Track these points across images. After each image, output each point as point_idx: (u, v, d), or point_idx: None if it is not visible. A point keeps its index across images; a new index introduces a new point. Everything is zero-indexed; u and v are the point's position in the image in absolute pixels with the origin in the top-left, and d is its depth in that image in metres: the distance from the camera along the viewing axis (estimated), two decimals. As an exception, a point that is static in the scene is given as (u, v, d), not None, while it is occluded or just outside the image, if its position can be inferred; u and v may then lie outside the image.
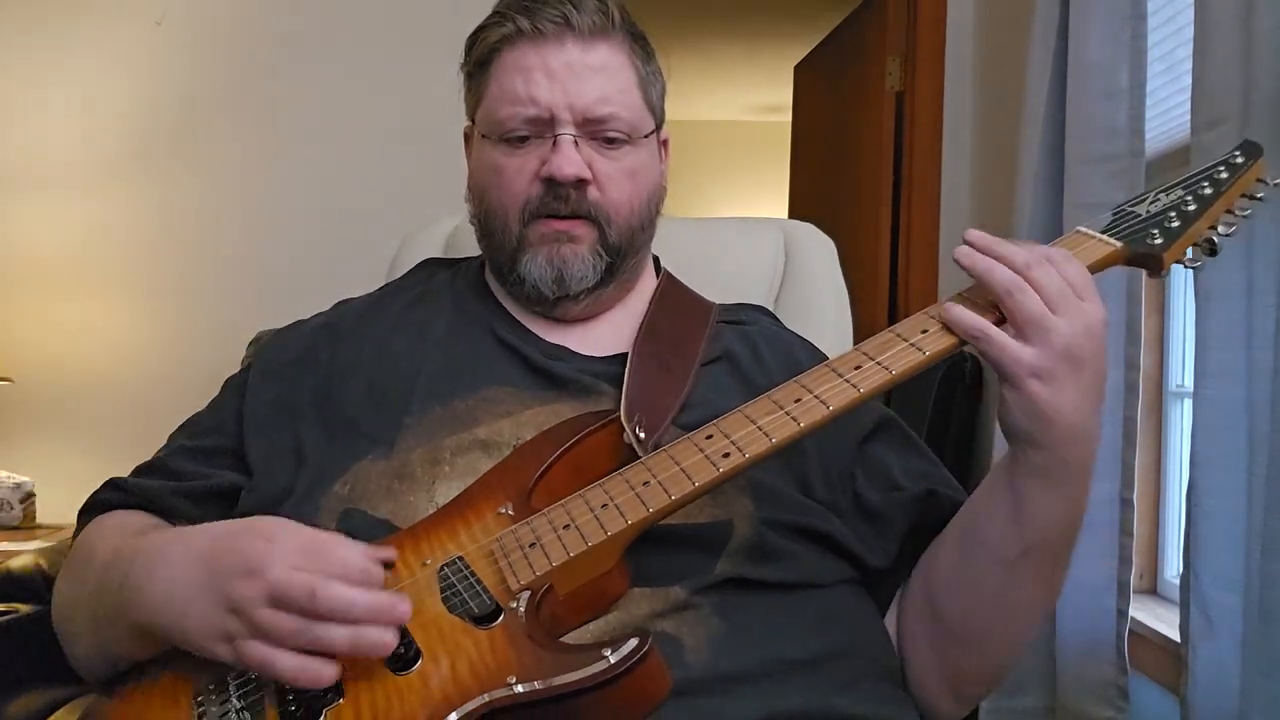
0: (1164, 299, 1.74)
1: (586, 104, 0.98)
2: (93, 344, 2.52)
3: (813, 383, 0.81)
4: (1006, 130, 2.06)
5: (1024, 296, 0.77)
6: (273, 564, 0.71)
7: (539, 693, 0.68)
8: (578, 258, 1.00)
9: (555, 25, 0.98)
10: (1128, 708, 1.52)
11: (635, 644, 0.69)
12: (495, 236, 1.03)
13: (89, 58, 2.51)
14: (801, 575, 0.89)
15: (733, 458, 0.79)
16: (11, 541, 2.09)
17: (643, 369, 0.96)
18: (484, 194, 1.03)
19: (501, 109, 0.99)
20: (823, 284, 1.40)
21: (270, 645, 0.70)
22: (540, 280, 1.00)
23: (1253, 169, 0.88)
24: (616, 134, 1.00)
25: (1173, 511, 1.69)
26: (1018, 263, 0.78)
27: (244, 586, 0.71)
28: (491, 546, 0.80)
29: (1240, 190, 0.87)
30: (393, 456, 0.92)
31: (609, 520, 0.79)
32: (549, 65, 0.98)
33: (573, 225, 1.00)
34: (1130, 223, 0.85)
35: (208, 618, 0.73)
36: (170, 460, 1.01)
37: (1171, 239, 0.84)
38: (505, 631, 0.73)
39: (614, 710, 0.69)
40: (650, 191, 1.05)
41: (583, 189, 0.99)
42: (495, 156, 1.01)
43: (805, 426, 0.79)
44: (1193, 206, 0.85)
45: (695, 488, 0.78)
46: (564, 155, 0.97)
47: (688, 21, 4.49)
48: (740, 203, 5.64)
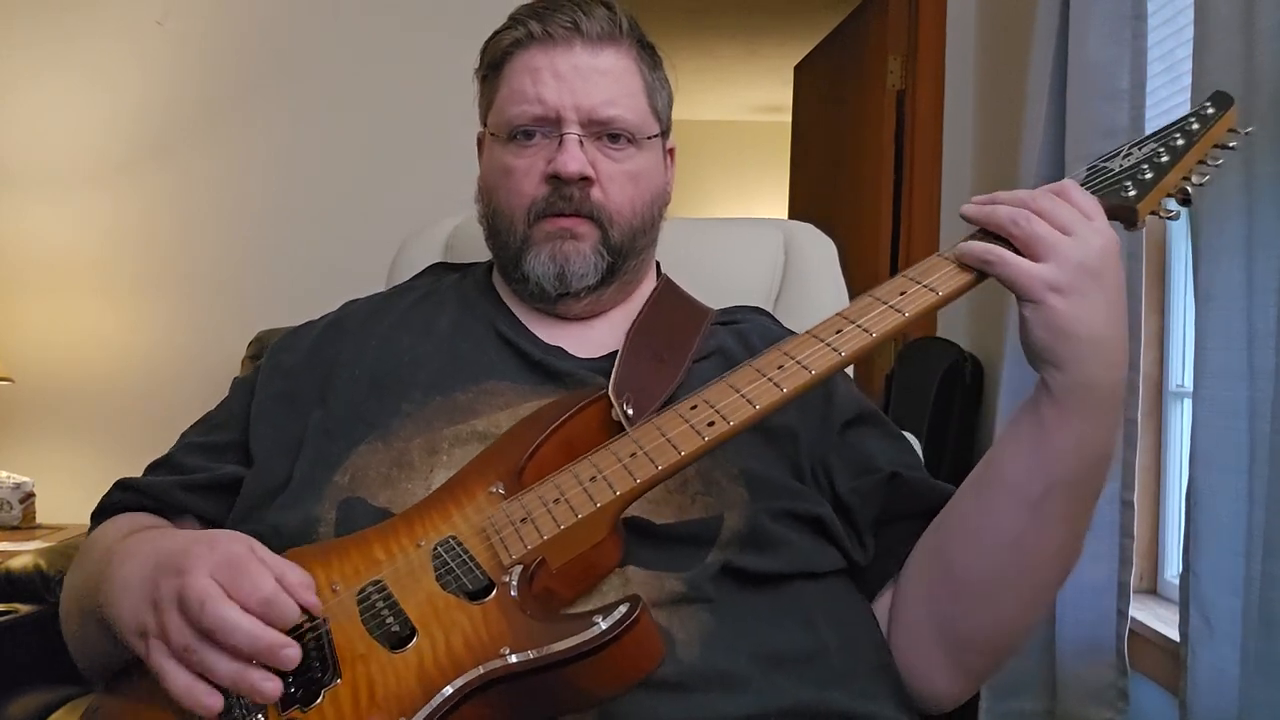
0: (1164, 299, 1.74)
1: (592, 105, 1.00)
2: (93, 344, 2.52)
3: (794, 349, 0.82)
4: (1007, 130, 2.06)
5: (1029, 223, 0.78)
6: (196, 567, 0.71)
7: (533, 662, 0.68)
8: (580, 255, 1.01)
9: (565, 30, 1.01)
10: (1127, 709, 1.52)
11: (626, 609, 0.69)
12: (502, 235, 1.05)
13: (90, 59, 2.51)
14: (796, 564, 0.89)
15: (717, 426, 0.79)
16: (11, 541, 2.09)
17: (634, 356, 0.98)
18: (493, 194, 1.06)
19: (510, 108, 1.02)
20: (823, 284, 1.40)
21: (168, 654, 0.70)
22: (543, 277, 1.02)
23: (1224, 119, 0.88)
24: (620, 135, 1.02)
25: (1173, 512, 1.69)
26: (1021, 197, 0.80)
27: (166, 583, 0.72)
28: (484, 524, 0.81)
29: (1212, 141, 0.87)
30: (391, 444, 0.93)
31: (598, 492, 0.79)
32: (557, 67, 1.00)
33: (575, 223, 1.01)
34: (1103, 177, 0.86)
35: (133, 609, 0.74)
36: (178, 455, 1.02)
37: (1145, 190, 0.84)
38: (499, 605, 0.74)
39: (608, 677, 0.70)
40: (653, 195, 1.06)
41: (586, 188, 1.01)
42: (504, 156, 1.03)
43: (789, 391, 0.79)
44: (1165, 159, 0.85)
45: (682, 457, 0.79)
46: (569, 153, 0.99)
47: (688, 21, 4.50)
48: (740, 203, 5.64)
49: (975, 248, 0.80)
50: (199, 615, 0.69)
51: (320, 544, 0.85)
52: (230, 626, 0.68)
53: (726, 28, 4.67)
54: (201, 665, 0.69)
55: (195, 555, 0.72)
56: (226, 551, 0.73)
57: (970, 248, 0.80)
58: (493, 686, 0.69)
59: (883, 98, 2.71)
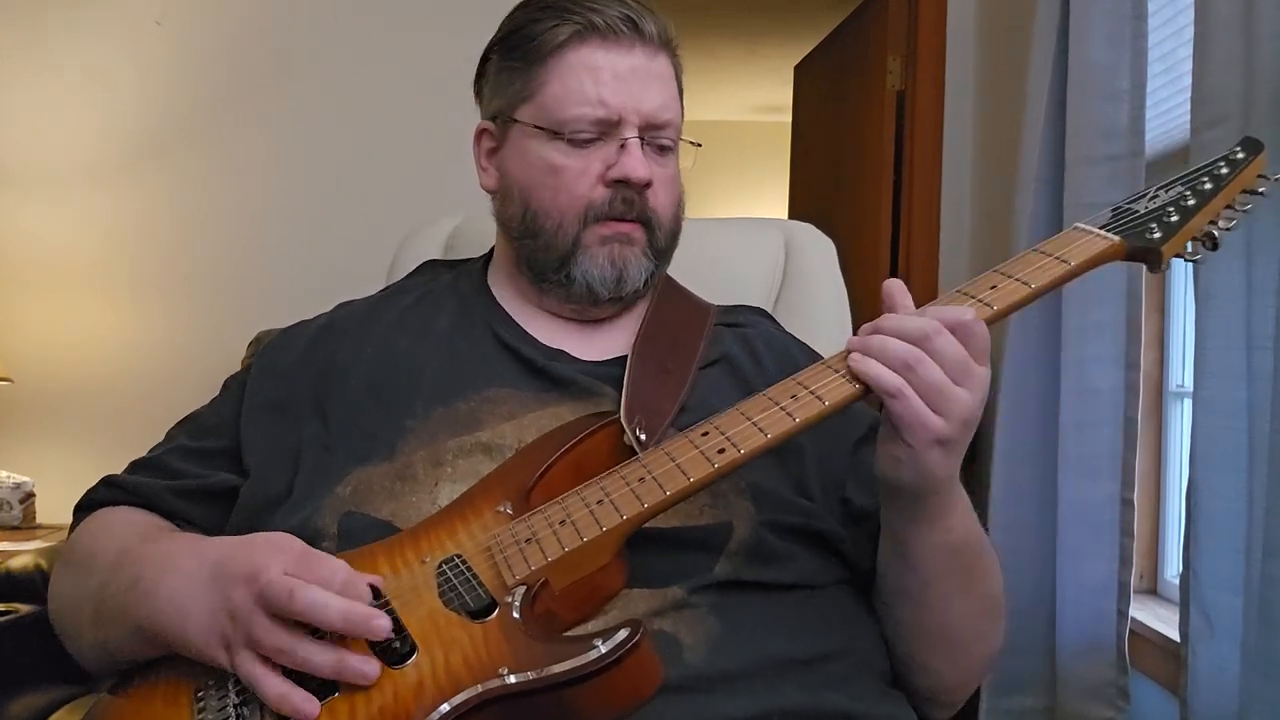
0: (1164, 299, 1.74)
1: (652, 110, 0.99)
2: (93, 344, 2.52)
3: (809, 379, 0.81)
4: (1007, 130, 2.06)
5: (923, 370, 0.75)
6: (269, 566, 0.73)
7: (531, 683, 0.68)
8: (635, 260, 1.01)
9: (627, 29, 0.99)
10: (1128, 708, 1.52)
11: (626, 634, 0.69)
12: (545, 236, 1.01)
13: (89, 59, 2.51)
14: (799, 576, 0.89)
15: (728, 453, 0.78)
16: (11, 541, 2.09)
17: (642, 371, 0.97)
18: (532, 192, 1.01)
19: (567, 109, 0.98)
20: (823, 284, 1.40)
21: (259, 662, 0.72)
22: (600, 280, 1.00)
23: (1253, 164, 0.88)
24: (669, 142, 1.02)
25: (1173, 512, 1.69)
26: (920, 332, 0.76)
27: (242, 591, 0.73)
28: (489, 543, 0.81)
29: (1241, 186, 0.87)
30: (395, 459, 0.92)
31: (604, 516, 0.79)
32: (618, 68, 0.98)
33: (633, 229, 1.01)
34: (1129, 218, 0.86)
35: (207, 622, 0.74)
36: (167, 458, 1.01)
37: (1170, 233, 0.83)
38: (500, 625, 0.74)
39: (606, 701, 0.69)
40: (681, 199, 1.07)
41: (644, 193, 1.00)
42: (551, 154, 1.00)
43: (801, 422, 0.78)
44: (1192, 202, 0.85)
45: (690, 483, 0.79)
46: (637, 158, 0.98)
47: (688, 21, 4.49)
48: (740, 203, 5.64)
49: (883, 376, 0.76)
50: (288, 604, 0.70)
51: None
52: (324, 606, 0.70)
53: (726, 28, 4.66)
54: (301, 662, 0.71)
55: (264, 556, 0.74)
56: (290, 547, 0.75)
57: (878, 374, 0.76)
58: (490, 706, 0.68)
59: (883, 98, 2.70)
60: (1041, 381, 1.66)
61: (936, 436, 0.76)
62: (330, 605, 0.70)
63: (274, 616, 0.72)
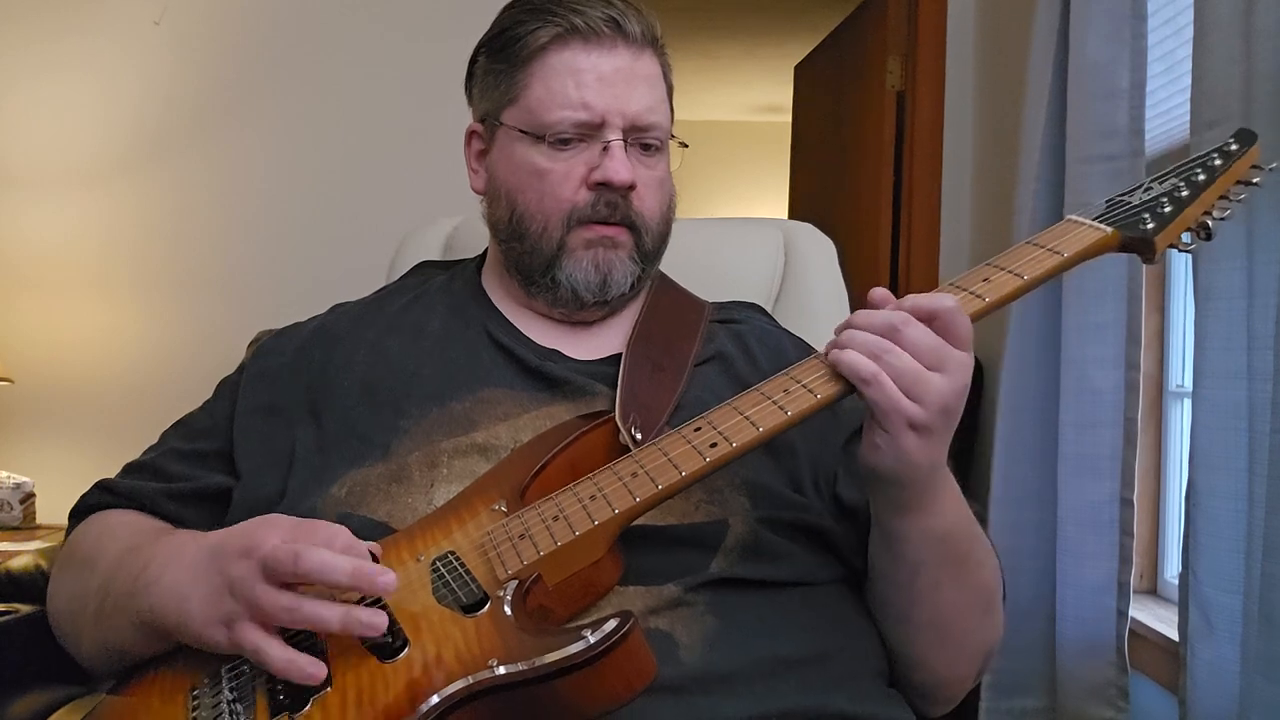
0: (1164, 299, 1.74)
1: (637, 111, 0.98)
2: (93, 344, 2.52)
3: (801, 373, 0.81)
4: (1007, 130, 2.06)
5: (893, 358, 0.76)
6: (267, 538, 0.73)
7: (520, 674, 0.68)
8: (621, 264, 1.01)
9: (609, 29, 0.98)
10: (1128, 708, 1.52)
11: (615, 624, 0.69)
12: (530, 239, 1.01)
13: (87, 58, 2.51)
14: (796, 573, 0.89)
15: (720, 447, 0.79)
16: (11, 541, 2.09)
17: (636, 369, 0.97)
18: (518, 195, 1.01)
19: (550, 111, 0.98)
20: (823, 284, 1.40)
21: (264, 631, 0.72)
22: (584, 285, 1.00)
23: (1247, 155, 0.88)
24: (655, 143, 1.01)
25: (1173, 511, 1.69)
26: (893, 321, 0.77)
27: (242, 564, 0.73)
28: (482, 539, 0.81)
29: (1235, 177, 0.87)
30: (390, 460, 0.92)
31: (597, 510, 0.79)
32: (600, 69, 0.98)
33: (617, 232, 1.00)
34: (1122, 210, 0.86)
35: (208, 600, 0.75)
36: (160, 461, 1.02)
37: (1163, 224, 0.83)
38: (491, 618, 0.74)
39: (597, 693, 0.69)
40: (671, 200, 1.06)
41: (629, 196, 0.99)
42: (536, 158, 1.00)
43: (793, 415, 0.79)
44: (1185, 193, 0.85)
45: (683, 477, 0.79)
46: (620, 161, 0.97)
47: (688, 21, 4.49)
48: (740, 203, 5.64)
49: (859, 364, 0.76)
50: (294, 566, 0.70)
51: None
52: (330, 564, 0.70)
53: (726, 28, 4.66)
54: (308, 617, 0.71)
55: (261, 531, 0.75)
56: (285, 521, 0.76)
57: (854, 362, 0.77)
58: (480, 698, 0.68)
59: (883, 98, 2.70)
60: (1041, 381, 1.66)
61: (911, 421, 0.76)
62: (338, 563, 0.71)
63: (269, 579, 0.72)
